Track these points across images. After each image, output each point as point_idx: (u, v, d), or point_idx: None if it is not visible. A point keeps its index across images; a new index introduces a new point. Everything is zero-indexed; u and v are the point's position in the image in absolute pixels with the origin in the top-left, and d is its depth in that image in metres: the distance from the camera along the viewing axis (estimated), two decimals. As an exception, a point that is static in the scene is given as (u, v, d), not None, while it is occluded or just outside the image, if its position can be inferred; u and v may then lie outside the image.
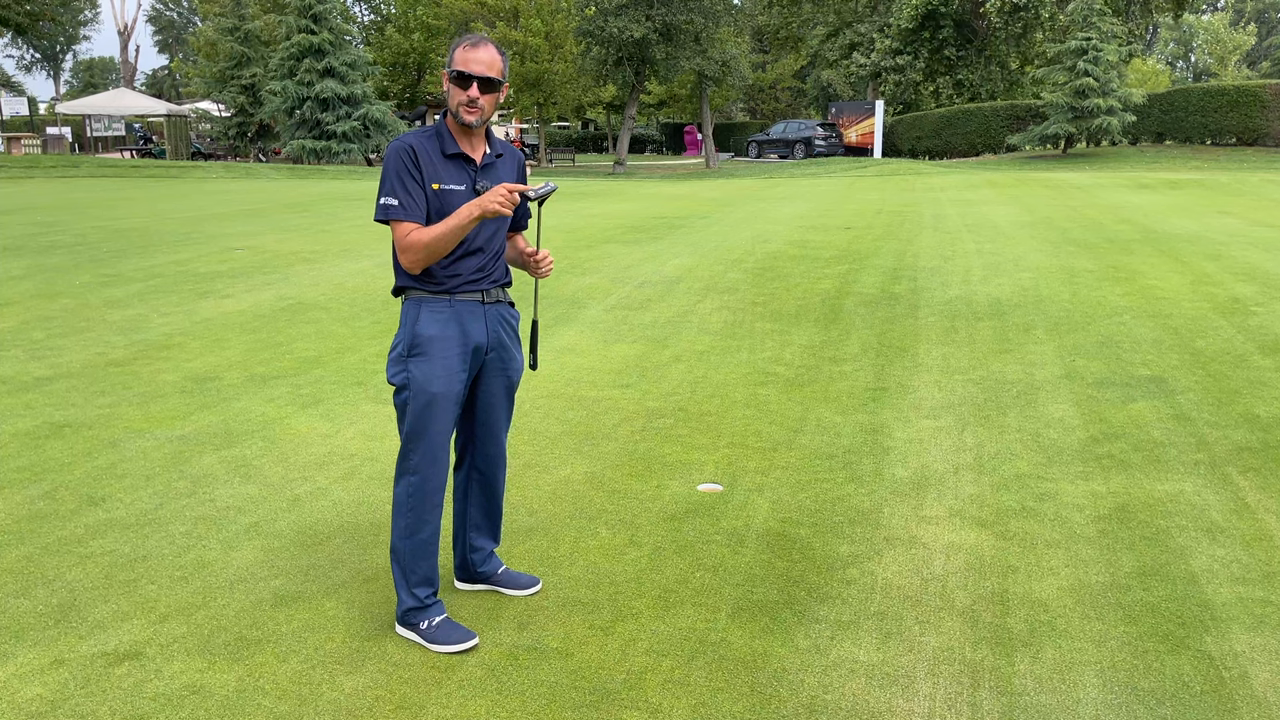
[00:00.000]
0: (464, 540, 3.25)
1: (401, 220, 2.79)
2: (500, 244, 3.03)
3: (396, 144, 2.82)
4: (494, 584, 3.28)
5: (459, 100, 2.80)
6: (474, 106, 2.80)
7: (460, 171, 2.87)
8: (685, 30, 34.44)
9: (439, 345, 2.87)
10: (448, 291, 2.90)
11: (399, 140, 2.84)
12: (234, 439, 4.75)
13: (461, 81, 2.79)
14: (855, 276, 8.99)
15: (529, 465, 4.43)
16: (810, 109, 58.82)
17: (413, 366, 2.86)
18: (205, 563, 3.44)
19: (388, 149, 2.82)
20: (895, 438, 4.77)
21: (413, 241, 2.78)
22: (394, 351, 2.93)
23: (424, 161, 2.82)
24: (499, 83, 2.84)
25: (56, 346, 6.53)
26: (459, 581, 3.32)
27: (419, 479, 2.90)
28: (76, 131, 41.53)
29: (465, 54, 2.78)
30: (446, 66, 2.84)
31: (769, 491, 4.13)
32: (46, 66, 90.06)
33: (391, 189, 2.78)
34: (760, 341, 6.73)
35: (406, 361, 2.87)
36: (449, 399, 2.90)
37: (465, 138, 2.89)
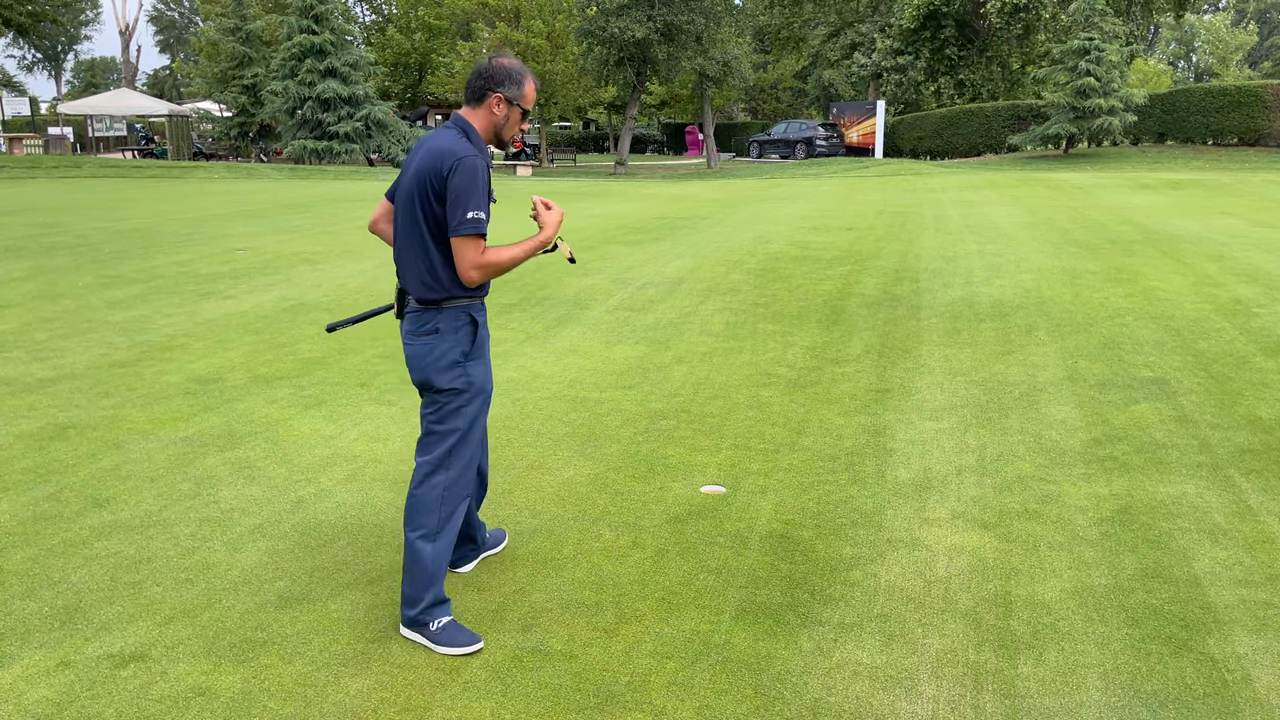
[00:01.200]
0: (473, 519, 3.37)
1: (480, 237, 2.84)
2: None
3: (472, 159, 2.81)
4: (485, 549, 3.50)
5: (516, 130, 3.01)
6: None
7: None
8: (686, 30, 34.43)
9: (485, 347, 3.05)
10: (482, 296, 3.02)
11: (467, 154, 2.81)
12: (237, 440, 4.75)
13: (526, 115, 3.00)
14: (857, 278, 8.99)
15: (533, 467, 4.44)
16: (811, 109, 58.80)
17: (472, 369, 2.96)
18: (210, 565, 3.45)
19: (463, 162, 2.79)
20: (898, 439, 4.78)
21: (493, 260, 2.85)
22: (445, 359, 2.91)
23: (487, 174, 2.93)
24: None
25: (59, 348, 6.54)
26: (460, 567, 3.43)
27: (456, 474, 2.98)
28: (78, 132, 41.57)
29: (533, 92, 2.97)
30: (511, 97, 2.91)
31: (772, 493, 4.14)
32: (48, 66, 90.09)
33: (479, 203, 2.81)
34: (762, 343, 6.73)
35: (466, 365, 2.95)
36: (491, 395, 3.10)
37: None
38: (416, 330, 2.93)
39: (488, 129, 2.95)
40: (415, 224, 2.88)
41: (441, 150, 2.83)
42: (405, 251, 2.93)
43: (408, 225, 2.91)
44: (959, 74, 38.66)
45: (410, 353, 2.95)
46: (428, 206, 2.85)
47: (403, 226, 2.93)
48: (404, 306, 2.99)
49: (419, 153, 2.91)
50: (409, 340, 2.96)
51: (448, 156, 2.81)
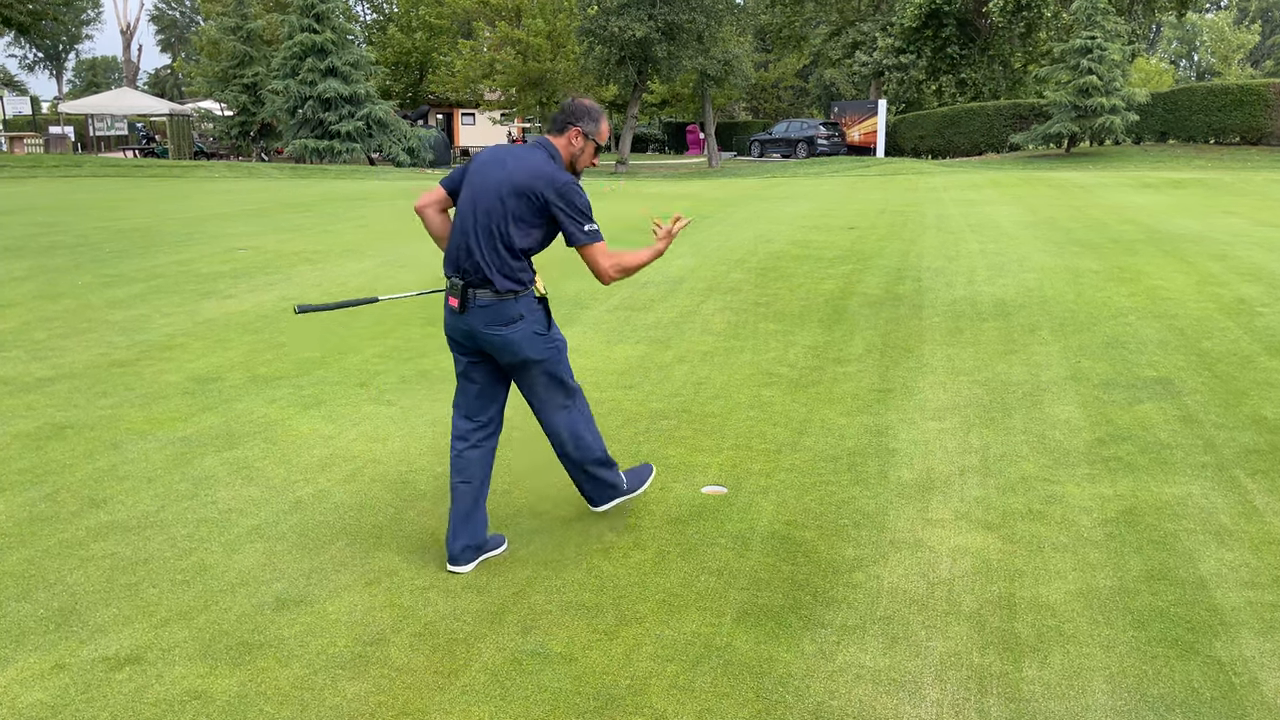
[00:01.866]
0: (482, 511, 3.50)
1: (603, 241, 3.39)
2: None
3: (577, 183, 3.36)
4: (486, 550, 3.54)
5: (590, 163, 3.51)
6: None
7: None
8: (687, 29, 34.37)
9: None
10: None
11: (571, 178, 3.34)
12: (236, 440, 4.73)
13: (599, 150, 3.51)
14: (859, 277, 8.96)
15: (533, 469, 4.41)
16: (813, 108, 58.74)
17: (555, 333, 3.50)
18: (207, 566, 3.42)
19: (573, 185, 3.32)
20: (900, 440, 4.75)
21: (629, 263, 3.48)
22: (535, 331, 3.38)
23: None
24: None
25: (59, 347, 6.51)
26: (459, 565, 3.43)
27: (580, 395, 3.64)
28: (79, 131, 41.54)
29: (606, 129, 3.49)
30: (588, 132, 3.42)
31: (773, 494, 4.11)
32: (49, 66, 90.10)
33: (592, 215, 3.35)
34: (764, 342, 6.70)
35: (553, 331, 3.49)
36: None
37: None
38: (498, 322, 3.30)
39: (565, 157, 3.42)
40: (501, 228, 3.27)
41: (544, 171, 3.29)
42: (482, 250, 3.28)
43: (488, 227, 3.28)
44: (960, 73, 38.61)
45: (499, 343, 3.33)
46: (523, 215, 3.28)
47: (480, 228, 3.29)
48: (467, 300, 3.31)
49: (509, 165, 3.32)
50: (491, 332, 3.31)
51: (554, 177, 3.29)
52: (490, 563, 3.48)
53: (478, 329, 3.33)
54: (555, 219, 3.31)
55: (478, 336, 3.34)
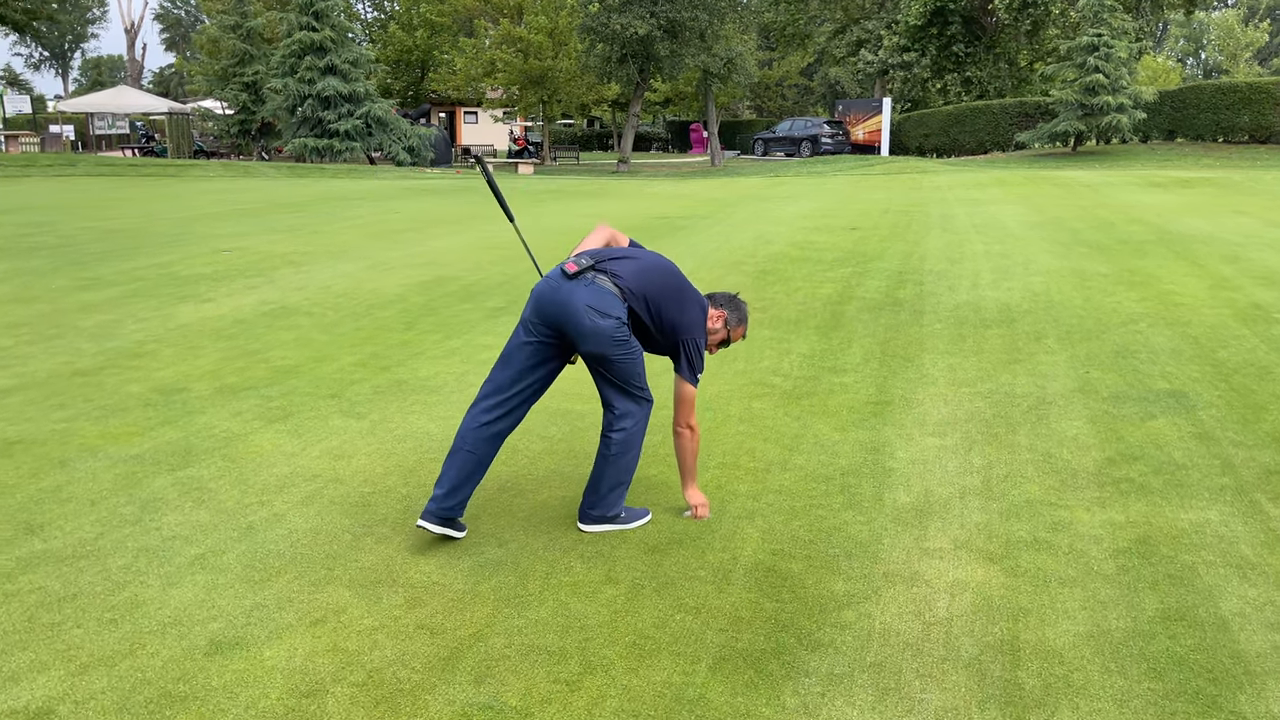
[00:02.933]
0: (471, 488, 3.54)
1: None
2: None
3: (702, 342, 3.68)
4: (455, 527, 3.56)
5: (716, 348, 3.84)
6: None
7: None
8: (690, 27, 34.06)
9: None
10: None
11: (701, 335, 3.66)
12: (192, 458, 4.46)
13: (727, 344, 3.88)
14: (859, 280, 8.67)
15: (504, 488, 4.14)
16: (817, 106, 58.42)
17: (635, 339, 3.52)
18: (140, 602, 3.15)
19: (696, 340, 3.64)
20: (897, 458, 4.46)
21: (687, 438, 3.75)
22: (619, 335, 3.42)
23: None
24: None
25: (23, 355, 6.26)
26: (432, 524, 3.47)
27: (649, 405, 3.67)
28: (80, 130, 41.35)
29: (744, 335, 3.94)
30: (732, 322, 3.81)
31: (760, 519, 3.83)
32: (55, 65, 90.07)
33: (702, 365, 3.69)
34: (758, 350, 6.42)
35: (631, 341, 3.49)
36: None
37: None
38: (598, 308, 3.36)
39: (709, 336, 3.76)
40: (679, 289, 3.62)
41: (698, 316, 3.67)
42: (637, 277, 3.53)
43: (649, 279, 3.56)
44: (966, 71, 38.27)
45: (589, 328, 3.35)
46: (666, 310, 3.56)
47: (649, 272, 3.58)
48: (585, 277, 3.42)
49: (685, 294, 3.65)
50: (589, 316, 3.34)
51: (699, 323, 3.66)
52: (447, 601, 3.20)
53: (577, 303, 3.35)
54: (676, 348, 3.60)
55: (568, 307, 3.36)
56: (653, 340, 3.61)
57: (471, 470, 3.51)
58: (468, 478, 3.51)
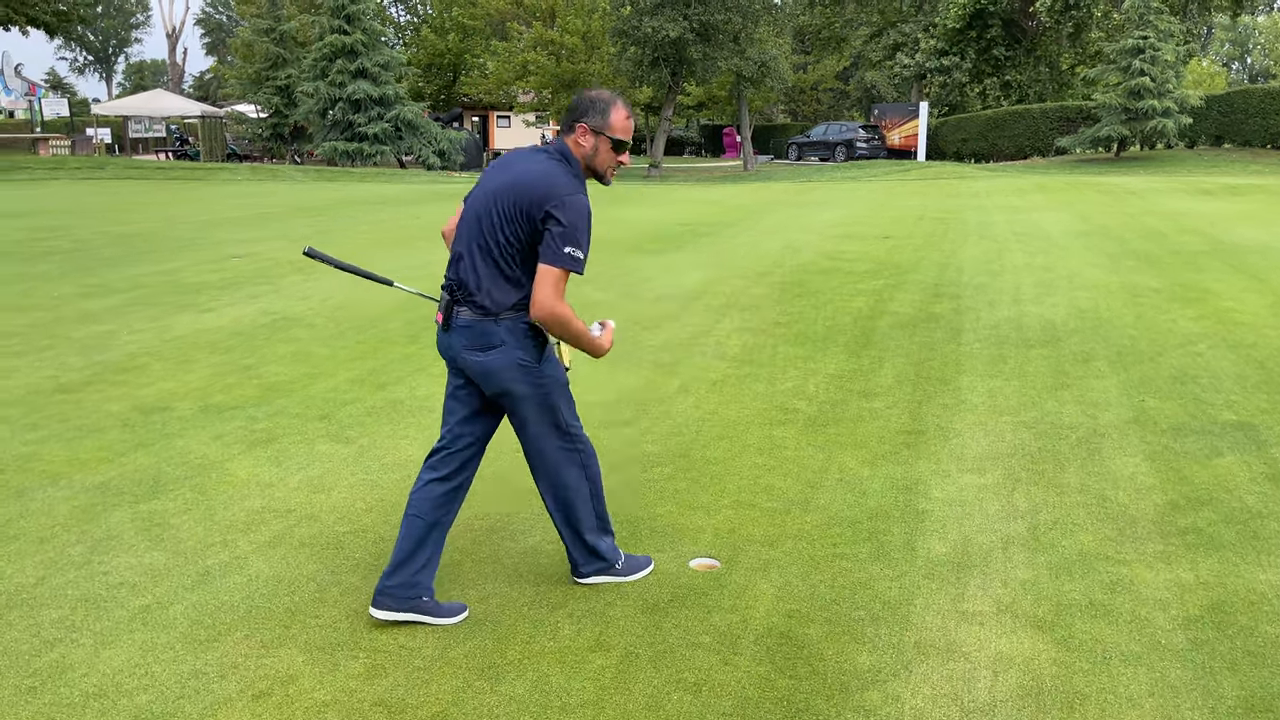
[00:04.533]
0: (428, 558, 3.04)
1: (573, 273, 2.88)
2: None
3: (582, 198, 2.86)
4: (422, 612, 3.03)
5: (610, 164, 3.00)
6: (619, 169, 3.03)
7: None
8: (723, 30, 33.58)
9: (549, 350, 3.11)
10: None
11: (575, 192, 2.86)
12: (160, 488, 4.10)
13: (620, 148, 2.97)
14: (891, 294, 8.19)
15: (493, 529, 3.74)
16: (853, 111, 57.68)
17: (547, 369, 3.05)
18: (65, 666, 2.78)
19: (579, 203, 2.83)
20: (932, 498, 4.01)
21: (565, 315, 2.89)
22: (519, 361, 2.95)
23: None
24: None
25: (7, 368, 5.96)
26: (380, 610, 3.00)
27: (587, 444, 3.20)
28: (117, 133, 41.67)
29: (626, 123, 2.96)
30: (596, 127, 2.92)
31: (775, 571, 3.39)
32: (99, 69, 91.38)
33: (584, 244, 2.86)
34: (782, 370, 5.98)
35: (541, 367, 3.01)
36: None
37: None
38: (476, 345, 2.92)
39: (579, 159, 2.97)
40: (493, 239, 2.89)
41: (546, 178, 2.86)
42: (473, 262, 2.93)
43: (480, 237, 2.93)
44: (1005, 74, 37.49)
45: (478, 369, 2.95)
46: (516, 226, 2.87)
47: (471, 236, 2.95)
48: (452, 318, 2.96)
49: (512, 170, 2.96)
50: (470, 357, 2.94)
51: (555, 189, 2.83)
52: (412, 670, 2.80)
53: (458, 351, 2.98)
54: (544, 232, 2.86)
55: (458, 359, 3.01)
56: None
57: (421, 537, 3.01)
58: (417, 547, 3.01)
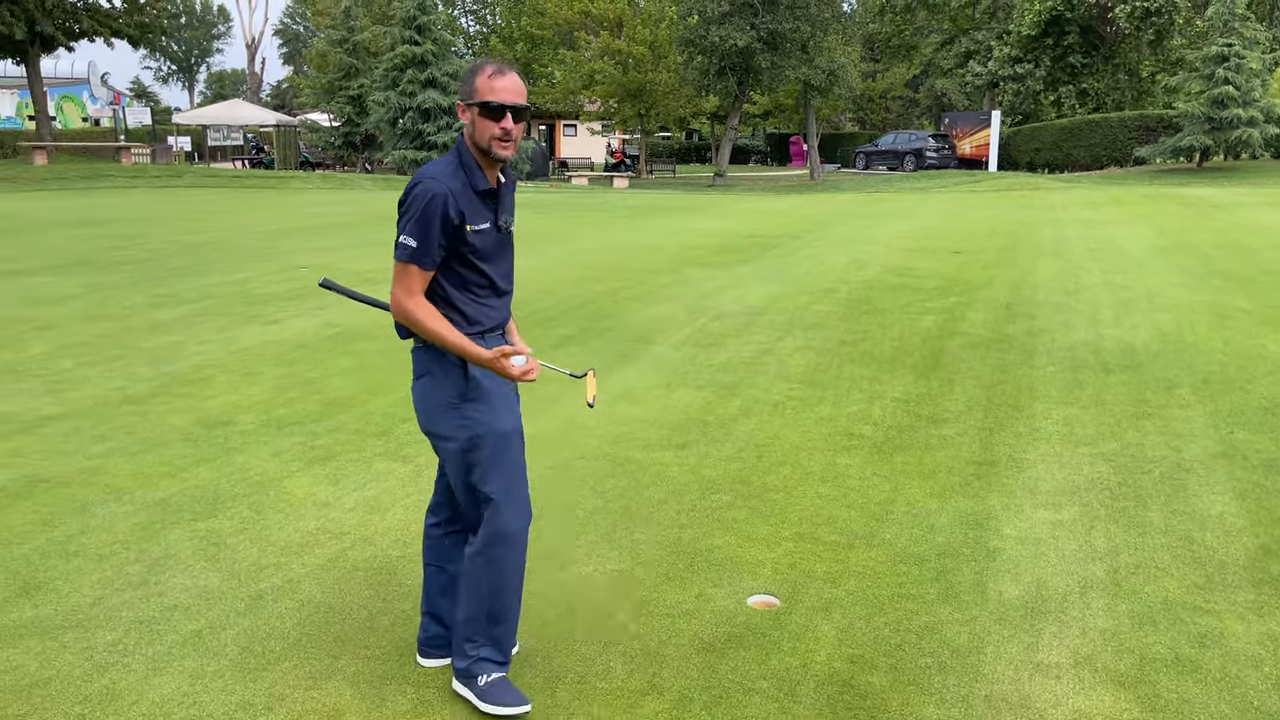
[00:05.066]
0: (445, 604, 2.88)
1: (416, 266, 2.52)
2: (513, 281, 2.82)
3: (425, 183, 2.49)
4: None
5: (491, 134, 2.53)
6: (508, 140, 2.54)
7: (486, 207, 2.60)
8: (791, 39, 33.33)
9: (490, 385, 2.62)
10: (482, 333, 2.63)
11: (434, 181, 2.49)
12: (218, 505, 4.11)
13: (493, 113, 2.52)
14: (962, 313, 7.96)
15: (548, 555, 3.66)
16: (923, 119, 56.86)
17: (471, 411, 2.59)
18: (116, 693, 2.77)
19: (419, 189, 2.49)
20: (1004, 535, 3.83)
21: (414, 311, 2.52)
22: (442, 399, 2.60)
23: (462, 203, 2.52)
24: (527, 109, 2.59)
25: (78, 378, 6.08)
26: (425, 659, 2.92)
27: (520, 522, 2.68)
28: (196, 141, 42.87)
29: (491, 82, 2.52)
30: (464, 98, 2.56)
31: (838, 612, 3.26)
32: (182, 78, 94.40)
33: (414, 229, 2.49)
34: (846, 392, 5.82)
35: (463, 408, 2.59)
36: (520, 435, 2.69)
37: (490, 169, 2.61)
38: (415, 373, 2.69)
39: (469, 144, 2.60)
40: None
41: (414, 176, 2.56)
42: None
43: None
44: (1082, 82, 36.58)
45: (414, 401, 2.71)
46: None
47: None
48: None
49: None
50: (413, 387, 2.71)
51: (410, 183, 2.54)
52: (459, 710, 2.73)
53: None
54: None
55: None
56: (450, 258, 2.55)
57: (444, 587, 2.87)
58: (440, 595, 2.88)
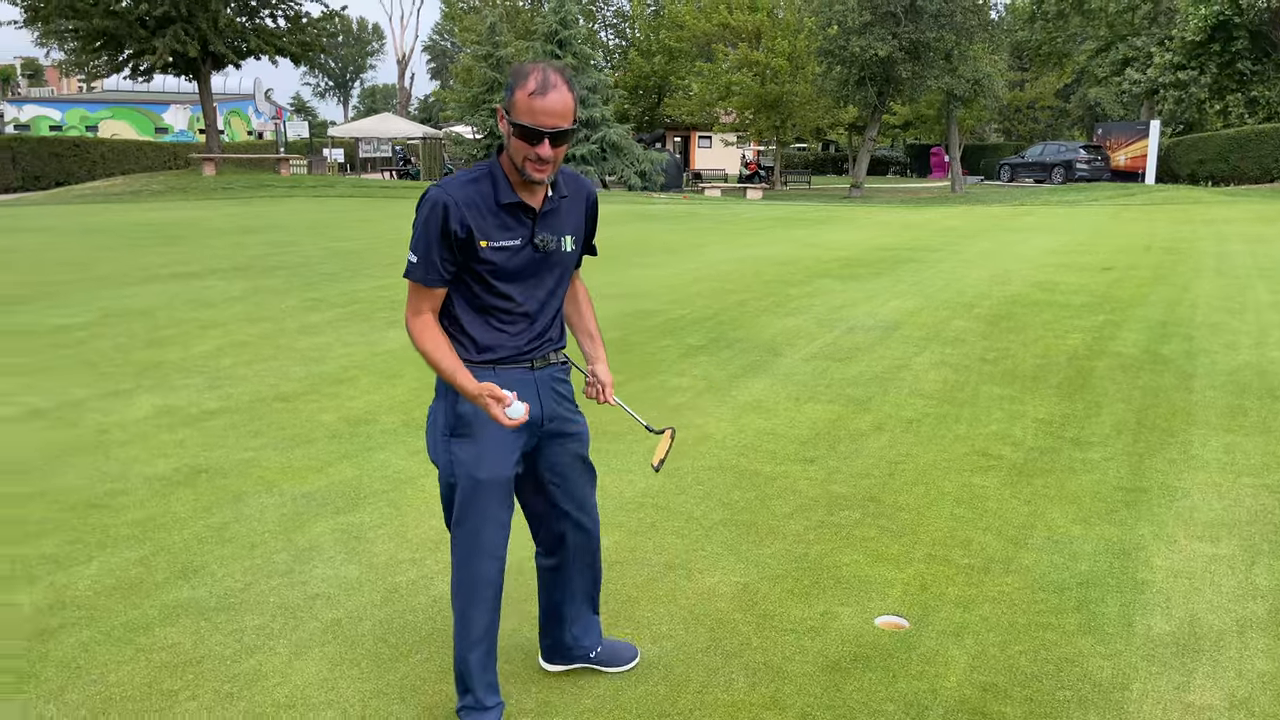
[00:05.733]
0: (559, 628, 2.86)
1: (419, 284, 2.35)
2: (558, 306, 2.58)
3: (432, 192, 2.33)
4: (593, 663, 2.92)
5: (525, 156, 2.28)
6: (544, 164, 2.28)
7: (516, 223, 2.38)
8: (935, 48, 32.55)
9: (484, 424, 2.43)
10: (491, 363, 2.44)
11: (438, 190, 2.32)
12: (359, 500, 4.29)
13: (529, 137, 2.24)
14: (1113, 331, 7.58)
15: (671, 566, 3.67)
16: (1073, 130, 54.52)
17: (456, 449, 2.44)
18: (261, 675, 2.92)
19: (424, 199, 2.33)
20: (1154, 567, 3.62)
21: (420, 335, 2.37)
22: (433, 431, 2.50)
23: (470, 215, 2.32)
24: (572, 132, 2.29)
25: (237, 376, 6.45)
26: (549, 663, 2.93)
27: (468, 572, 2.51)
28: (349, 153, 45.02)
29: (531, 102, 2.22)
30: (504, 107, 2.28)
31: (970, 637, 3.14)
32: (337, 93, 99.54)
33: (418, 243, 2.34)
34: (985, 411, 5.63)
35: (450, 443, 2.45)
36: (498, 485, 2.47)
37: (526, 184, 2.38)
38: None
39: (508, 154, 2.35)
40: None
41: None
42: None
43: None
44: (1251, 90, 34.32)
45: None
46: None
47: None
48: None
49: None
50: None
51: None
52: (581, 711, 2.76)
53: None
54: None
55: None
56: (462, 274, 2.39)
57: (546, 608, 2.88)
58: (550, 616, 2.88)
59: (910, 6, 31.84)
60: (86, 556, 3.70)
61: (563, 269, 2.50)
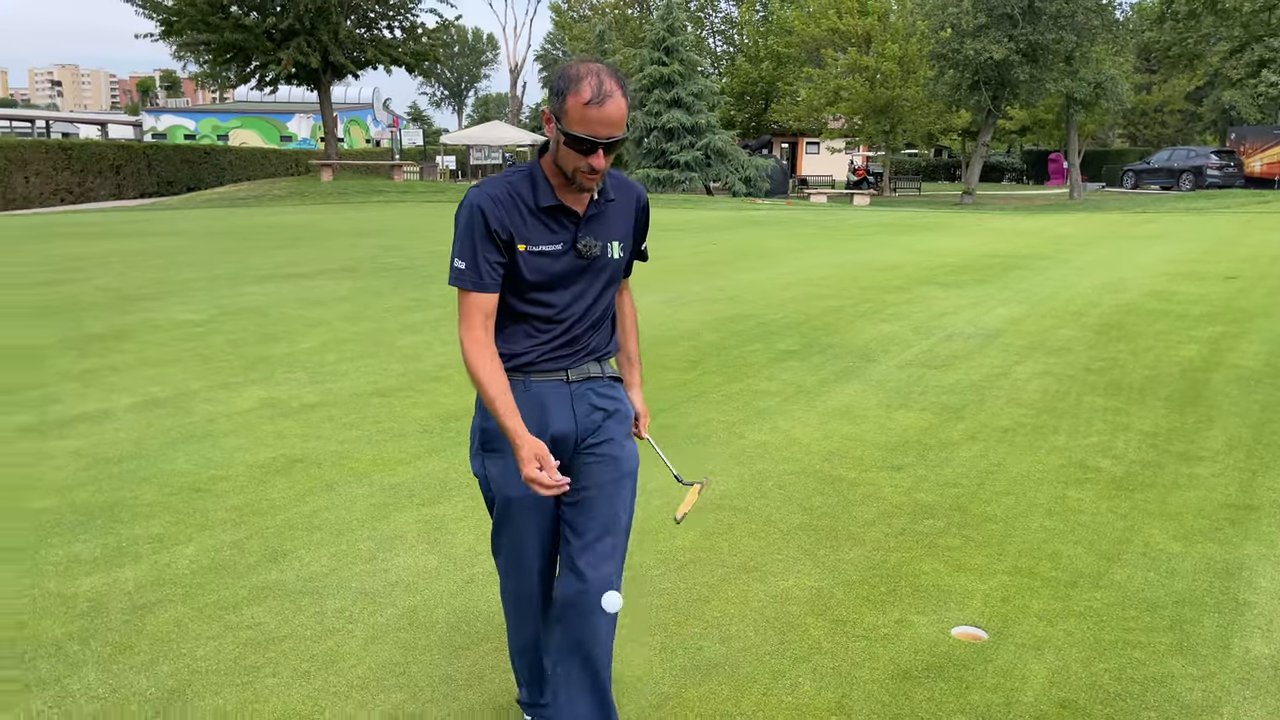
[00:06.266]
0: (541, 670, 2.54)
1: (468, 290, 2.19)
2: (602, 311, 2.37)
3: (472, 194, 2.21)
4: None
5: (577, 166, 2.14)
6: (596, 174, 2.15)
7: (558, 227, 2.24)
8: (1054, 50, 31.48)
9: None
10: (521, 370, 2.27)
11: (475, 190, 2.22)
12: (443, 493, 4.39)
13: (584, 148, 2.09)
14: (1232, 344, 7.19)
15: (744, 568, 3.65)
16: (1205, 134, 51.96)
17: (489, 464, 2.33)
18: (338, 657, 3.02)
19: (464, 202, 2.21)
20: (1258, 588, 3.42)
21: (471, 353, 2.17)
22: (472, 440, 2.39)
23: (510, 218, 2.19)
24: (624, 140, 2.15)
25: (339, 371, 6.68)
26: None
27: (510, 583, 2.48)
28: (461, 160, 46.20)
29: (586, 112, 2.05)
30: (554, 111, 2.11)
31: (1051, 652, 3.03)
32: (452, 102, 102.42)
33: (462, 249, 2.19)
34: (1086, 422, 5.41)
35: (483, 456, 2.35)
36: (532, 502, 2.31)
37: (568, 187, 2.23)
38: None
39: (553, 157, 2.20)
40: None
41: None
42: None
43: None
44: (1403, 90, 32.11)
45: None
46: None
47: None
48: None
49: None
50: None
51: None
52: (645, 706, 2.76)
53: None
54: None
55: None
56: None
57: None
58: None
59: (1029, 8, 30.88)
60: (187, 537, 3.90)
61: (609, 277, 2.34)
